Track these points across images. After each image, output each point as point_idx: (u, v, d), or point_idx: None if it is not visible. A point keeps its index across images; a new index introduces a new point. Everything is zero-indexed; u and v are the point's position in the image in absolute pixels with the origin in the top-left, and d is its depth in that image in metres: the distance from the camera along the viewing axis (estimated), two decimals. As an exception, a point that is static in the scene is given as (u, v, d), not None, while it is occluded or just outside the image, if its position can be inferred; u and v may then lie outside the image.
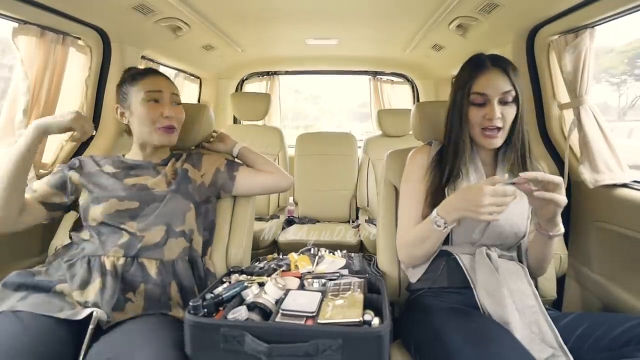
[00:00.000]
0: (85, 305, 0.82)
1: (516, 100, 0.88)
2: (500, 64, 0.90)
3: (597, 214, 1.27)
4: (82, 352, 0.74)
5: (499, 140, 0.90)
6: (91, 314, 0.79)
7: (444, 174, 0.95)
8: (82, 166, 1.03)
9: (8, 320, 0.75)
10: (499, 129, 0.89)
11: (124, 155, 1.10)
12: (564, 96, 1.35)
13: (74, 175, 1.00)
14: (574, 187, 1.36)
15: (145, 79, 1.04)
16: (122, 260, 0.89)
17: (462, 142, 0.94)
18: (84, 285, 0.85)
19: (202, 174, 1.11)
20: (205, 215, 1.10)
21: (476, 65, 0.92)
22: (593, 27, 1.18)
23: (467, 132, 0.94)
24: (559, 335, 0.78)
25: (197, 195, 1.07)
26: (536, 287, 0.90)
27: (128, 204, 0.95)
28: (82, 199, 0.98)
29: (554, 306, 1.28)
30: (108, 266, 0.88)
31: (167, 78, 1.09)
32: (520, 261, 0.95)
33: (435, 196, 0.94)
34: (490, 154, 0.98)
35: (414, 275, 1.00)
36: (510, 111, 0.88)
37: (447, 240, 0.95)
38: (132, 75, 1.06)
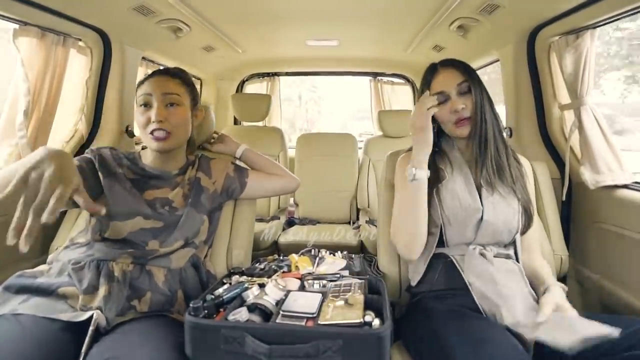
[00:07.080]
0: (88, 309, 0.81)
1: (470, 90, 0.92)
2: (449, 63, 0.96)
3: (597, 214, 1.26)
4: (82, 354, 0.73)
5: (469, 129, 0.94)
6: (92, 316, 0.78)
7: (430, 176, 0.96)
8: (102, 162, 0.95)
9: (9, 323, 0.75)
10: (468, 118, 0.93)
11: (139, 155, 1.04)
12: (564, 97, 1.35)
13: (97, 164, 0.92)
14: (574, 188, 1.36)
15: (144, 82, 0.99)
16: (131, 267, 0.89)
17: (436, 143, 0.97)
18: (91, 290, 0.84)
19: (213, 181, 1.09)
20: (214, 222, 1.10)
21: (428, 72, 0.98)
22: (594, 28, 1.18)
23: (436, 133, 0.97)
24: None
25: (210, 204, 1.06)
26: None
27: (153, 223, 0.94)
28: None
29: (555, 307, 1.28)
30: (116, 272, 0.87)
31: (166, 75, 1.01)
32: (517, 260, 0.95)
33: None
34: (469, 151, 0.99)
35: (413, 278, 1.00)
36: (471, 101, 0.92)
37: (442, 243, 0.95)
38: (140, 81, 1.01)
